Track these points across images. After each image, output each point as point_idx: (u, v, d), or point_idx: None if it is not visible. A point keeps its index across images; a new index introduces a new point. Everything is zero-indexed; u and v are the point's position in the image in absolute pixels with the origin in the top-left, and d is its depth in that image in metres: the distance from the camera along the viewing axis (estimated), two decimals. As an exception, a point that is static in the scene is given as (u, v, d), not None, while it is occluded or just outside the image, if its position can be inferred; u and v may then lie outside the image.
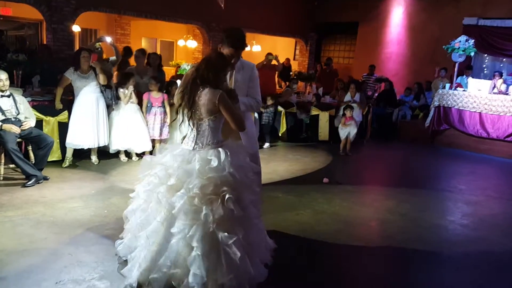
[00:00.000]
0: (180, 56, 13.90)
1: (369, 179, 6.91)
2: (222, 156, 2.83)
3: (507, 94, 8.74)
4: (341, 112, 8.22)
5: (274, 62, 10.57)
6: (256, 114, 8.12)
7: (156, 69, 7.32)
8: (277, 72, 10.93)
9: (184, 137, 3.03)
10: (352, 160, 7.71)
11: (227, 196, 2.72)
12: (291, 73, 12.07)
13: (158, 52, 13.23)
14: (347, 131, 7.81)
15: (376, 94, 11.05)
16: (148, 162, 3.08)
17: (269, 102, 8.18)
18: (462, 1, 10.91)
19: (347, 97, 8.52)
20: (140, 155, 6.48)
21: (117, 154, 6.38)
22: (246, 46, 3.23)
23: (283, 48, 15.00)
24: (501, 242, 4.28)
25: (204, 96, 2.83)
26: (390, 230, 4.44)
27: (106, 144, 6.10)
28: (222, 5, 10.26)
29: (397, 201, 5.31)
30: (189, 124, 2.91)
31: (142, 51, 7.25)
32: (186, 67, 8.70)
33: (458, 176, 6.99)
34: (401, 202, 5.28)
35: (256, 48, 14.53)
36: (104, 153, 6.28)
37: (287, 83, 11.25)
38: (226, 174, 2.78)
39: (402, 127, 9.92)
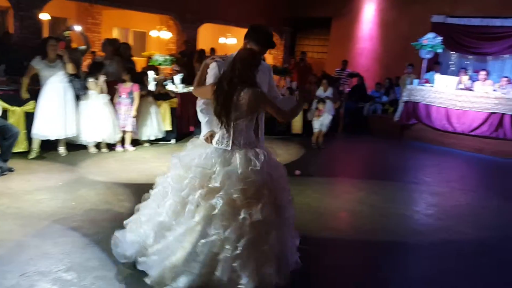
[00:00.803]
0: (153, 47, 13.71)
1: (340, 171, 7.04)
2: (262, 157, 2.80)
3: (472, 90, 9.03)
4: (314, 106, 8.31)
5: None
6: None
7: (126, 59, 7.20)
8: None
9: (211, 136, 3.00)
10: (324, 152, 7.82)
11: (265, 201, 2.73)
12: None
13: (131, 43, 13.05)
14: (320, 121, 7.93)
15: (348, 89, 11.22)
16: (180, 163, 2.97)
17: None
18: (431, -1, 11.20)
19: (320, 92, 8.61)
20: (110, 147, 6.40)
21: (86, 145, 6.26)
22: (274, 45, 3.13)
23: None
24: (463, 231, 4.45)
25: (245, 96, 2.76)
26: (360, 221, 4.56)
27: (75, 135, 5.97)
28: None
29: (367, 193, 5.44)
30: (222, 124, 2.82)
31: (109, 41, 7.10)
32: (159, 58, 8.57)
33: (424, 169, 7.20)
34: (370, 194, 5.41)
35: (232, 40, 14.52)
36: (73, 144, 6.15)
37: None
38: (265, 176, 2.77)
39: (373, 121, 10.13)
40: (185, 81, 8.11)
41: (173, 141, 7.35)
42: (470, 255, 3.95)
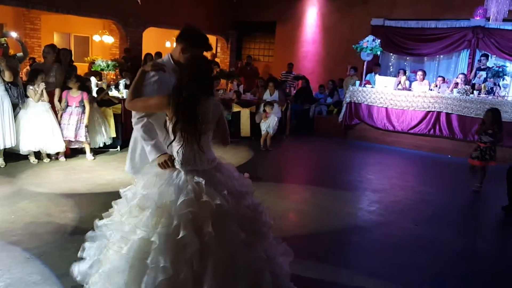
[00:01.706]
0: (97, 51, 13.32)
1: (288, 172, 7.19)
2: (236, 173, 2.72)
3: (410, 90, 9.54)
4: (261, 109, 8.43)
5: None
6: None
7: (66, 65, 6.96)
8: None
9: (169, 159, 2.56)
10: (272, 155, 7.95)
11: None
12: (214, 70, 12.09)
13: (72, 48, 12.61)
14: (268, 123, 8.05)
15: (294, 91, 11.47)
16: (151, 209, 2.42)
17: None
18: (371, 3, 11.65)
19: (266, 95, 8.75)
20: (52, 157, 6.17)
21: (26, 156, 5.99)
22: (211, 48, 2.93)
23: (204, 45, 14.97)
24: (403, 226, 4.71)
25: (209, 106, 2.53)
26: (306, 220, 4.70)
27: (13, 145, 5.70)
28: (139, 0, 10.00)
29: (312, 192, 5.61)
30: (186, 141, 2.46)
31: (48, 47, 6.82)
32: (101, 63, 8.36)
33: (367, 167, 7.52)
34: (316, 193, 5.58)
35: (177, 44, 14.39)
36: (12, 155, 5.87)
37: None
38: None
39: (319, 123, 10.42)
40: (129, 87, 7.95)
41: (118, 148, 7.19)
42: (409, 248, 4.18)
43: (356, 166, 7.61)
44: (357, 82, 10.03)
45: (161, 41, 14.04)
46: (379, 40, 9.63)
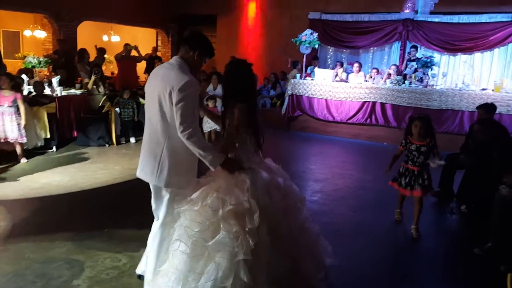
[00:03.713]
0: (29, 47, 12.54)
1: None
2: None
3: (347, 81, 9.89)
4: (204, 103, 8.37)
5: (134, 52, 10.26)
6: (117, 109, 7.86)
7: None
8: (138, 64, 10.62)
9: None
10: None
11: None
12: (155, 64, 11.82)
13: (0, 44, 11.82)
14: (211, 123, 7.99)
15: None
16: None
17: (126, 95, 7.94)
18: (308, -4, 11.90)
19: (210, 89, 8.70)
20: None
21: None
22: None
23: (145, 39, 14.61)
24: (343, 213, 4.92)
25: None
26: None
27: None
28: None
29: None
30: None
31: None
32: (32, 60, 7.91)
33: (309, 157, 7.74)
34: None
35: (115, 38, 13.92)
36: None
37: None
38: None
39: (263, 115, 10.41)
40: (64, 83, 7.62)
41: (54, 148, 6.88)
42: (349, 234, 4.38)
43: (299, 157, 7.80)
44: (298, 75, 10.25)
45: (97, 35, 13.49)
46: (316, 34, 9.87)
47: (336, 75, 10.13)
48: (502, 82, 8.85)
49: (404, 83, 9.26)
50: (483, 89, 9.00)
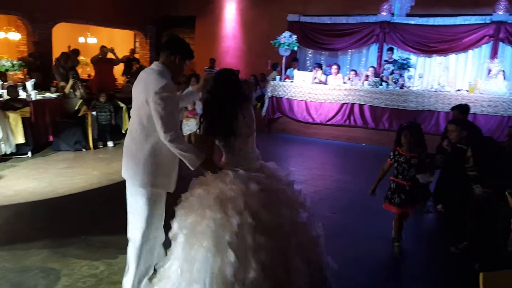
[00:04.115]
0: (2, 50, 12.23)
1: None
2: None
3: (326, 83, 9.97)
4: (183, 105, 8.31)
5: (110, 55, 10.13)
6: (94, 113, 7.76)
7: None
8: (115, 66, 10.50)
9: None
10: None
11: None
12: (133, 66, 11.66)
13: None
14: (191, 125, 7.93)
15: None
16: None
17: (102, 98, 7.83)
18: (286, -1, 11.95)
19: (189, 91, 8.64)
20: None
21: None
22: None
23: (122, 41, 14.42)
24: (323, 214, 4.93)
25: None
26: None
27: None
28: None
29: (236, 188, 5.65)
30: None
31: None
32: (5, 63, 7.72)
33: (289, 159, 7.77)
34: (240, 189, 5.63)
35: (92, 40, 13.71)
36: None
37: (128, 77, 10.91)
38: None
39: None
40: (39, 87, 7.47)
41: (29, 154, 6.72)
42: (327, 236, 4.38)
43: (279, 159, 7.81)
44: (277, 77, 10.29)
45: (73, 37, 13.27)
46: (295, 36, 9.93)
47: (315, 77, 10.20)
48: (476, 83, 9.08)
49: (381, 84, 9.39)
50: (458, 90, 9.22)
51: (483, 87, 8.82)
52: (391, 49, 10.20)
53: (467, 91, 8.96)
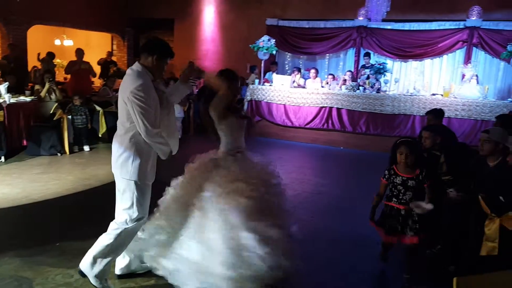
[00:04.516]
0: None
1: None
2: None
3: (304, 87, 10.06)
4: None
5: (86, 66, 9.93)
6: (70, 116, 7.63)
7: None
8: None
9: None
10: (176, 157, 7.83)
11: None
12: (110, 69, 11.50)
13: None
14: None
15: (197, 90, 11.40)
16: None
17: (77, 102, 7.70)
18: (265, 3, 11.96)
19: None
20: None
21: None
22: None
23: (99, 43, 14.24)
24: (301, 218, 4.96)
25: None
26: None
27: None
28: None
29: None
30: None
31: None
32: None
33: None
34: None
35: (68, 42, 13.48)
36: None
37: (105, 80, 10.74)
38: None
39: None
40: (13, 90, 7.30)
41: (2, 159, 6.56)
42: (305, 239, 4.40)
43: (257, 163, 7.83)
44: (256, 80, 10.32)
45: (49, 40, 13.02)
46: (274, 40, 9.99)
47: (294, 81, 10.27)
48: (450, 88, 9.30)
49: (358, 89, 9.53)
50: (433, 94, 9.43)
51: (457, 92, 9.05)
52: (367, 54, 10.36)
53: (442, 95, 9.18)
